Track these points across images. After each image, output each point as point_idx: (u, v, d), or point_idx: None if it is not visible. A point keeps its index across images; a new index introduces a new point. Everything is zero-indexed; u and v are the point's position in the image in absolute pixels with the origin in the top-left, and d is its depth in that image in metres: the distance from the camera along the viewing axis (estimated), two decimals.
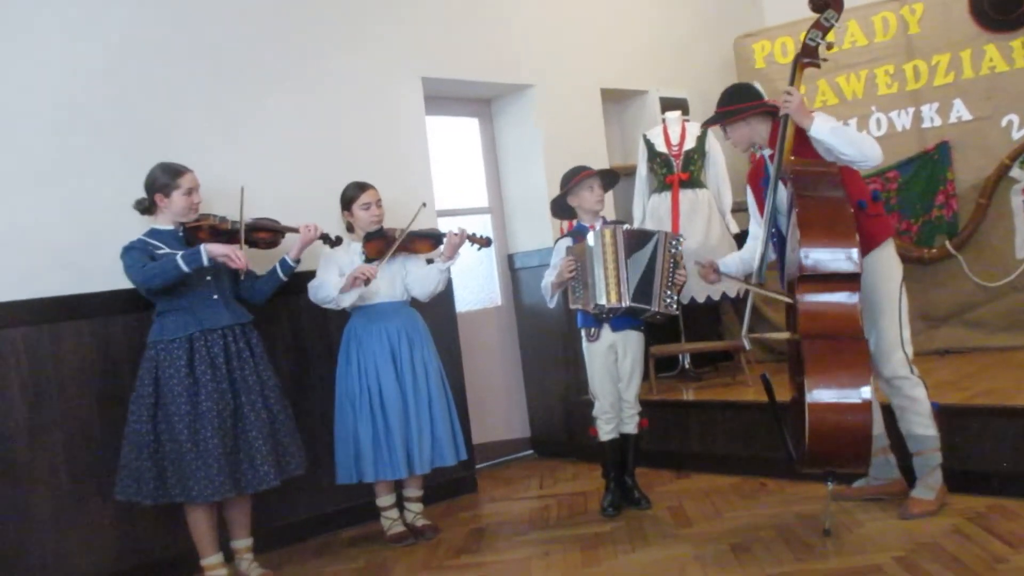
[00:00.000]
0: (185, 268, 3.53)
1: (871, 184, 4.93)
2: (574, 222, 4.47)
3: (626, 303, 4.02)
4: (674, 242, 4.12)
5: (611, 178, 4.40)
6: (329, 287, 4.04)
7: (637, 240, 4.11)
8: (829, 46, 3.72)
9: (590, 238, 4.11)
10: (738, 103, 3.82)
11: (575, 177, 4.27)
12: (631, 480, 4.31)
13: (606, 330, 4.21)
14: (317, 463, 4.23)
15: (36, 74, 3.83)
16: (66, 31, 3.93)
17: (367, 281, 4.02)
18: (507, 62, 5.57)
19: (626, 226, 4.25)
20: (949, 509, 3.62)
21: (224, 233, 3.79)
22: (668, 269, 4.06)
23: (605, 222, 4.28)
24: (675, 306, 4.09)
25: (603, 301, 4.03)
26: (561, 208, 4.40)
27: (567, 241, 4.29)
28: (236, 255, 3.60)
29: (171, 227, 3.74)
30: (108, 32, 4.03)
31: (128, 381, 3.81)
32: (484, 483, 5.16)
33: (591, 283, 4.06)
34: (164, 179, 3.70)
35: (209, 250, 3.57)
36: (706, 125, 4.63)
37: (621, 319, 4.17)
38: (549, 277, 4.24)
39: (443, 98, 5.56)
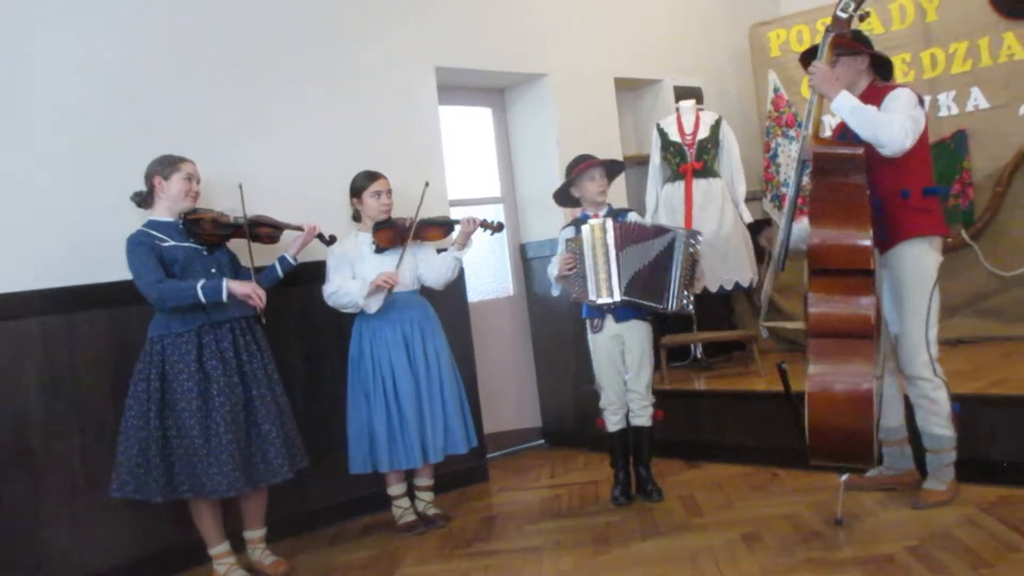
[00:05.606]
0: (203, 300, 3.51)
1: None
2: (579, 211, 4.46)
3: (617, 297, 4.02)
4: (693, 240, 4.06)
5: (615, 168, 4.37)
6: (353, 294, 4.05)
7: (636, 234, 4.07)
8: (861, 17, 3.56)
9: (584, 231, 4.09)
10: (863, 44, 3.69)
11: (577, 167, 4.24)
12: (645, 472, 4.29)
13: (609, 321, 4.19)
14: (329, 452, 4.25)
15: (52, 68, 3.85)
16: (84, 26, 3.94)
17: (391, 289, 4.03)
18: (521, 51, 5.55)
19: (634, 219, 4.23)
20: (962, 499, 3.61)
21: (227, 227, 3.77)
22: (687, 267, 4.02)
23: (610, 210, 4.26)
24: (691, 306, 4.05)
25: (594, 297, 4.04)
26: (565, 197, 4.38)
27: (569, 231, 4.24)
28: (257, 295, 3.58)
29: (171, 219, 3.69)
30: (124, 27, 4.05)
31: None
32: (495, 472, 5.17)
33: (586, 277, 4.06)
34: (164, 163, 3.68)
35: (231, 287, 3.55)
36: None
37: (625, 310, 4.14)
38: (553, 266, 4.24)
39: (457, 88, 5.56)
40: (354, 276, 4.14)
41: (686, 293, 4.01)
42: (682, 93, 6.14)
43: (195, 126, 4.17)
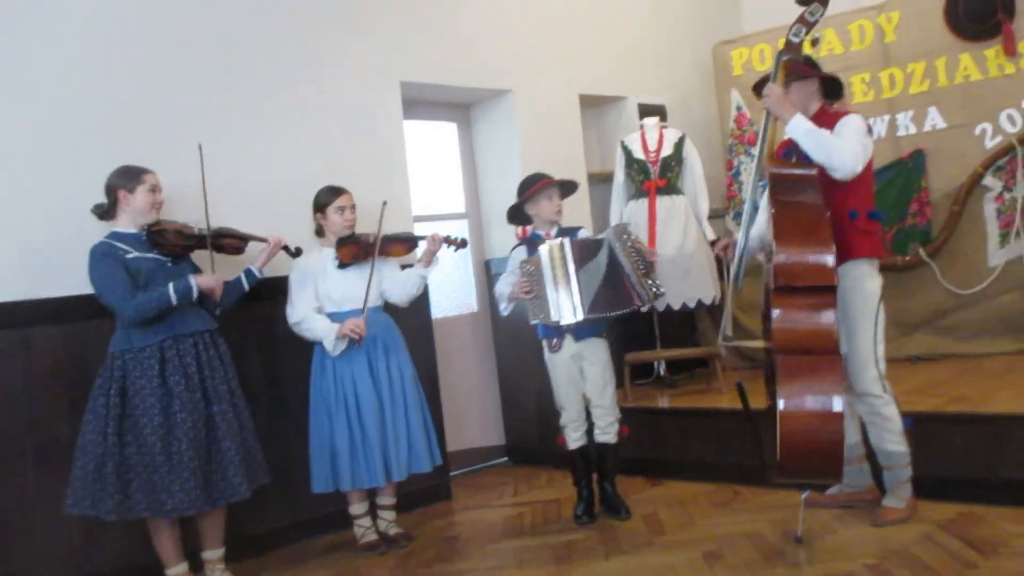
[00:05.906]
0: (175, 302, 3.51)
1: None
2: (528, 228, 4.45)
3: (580, 316, 3.98)
4: (625, 235, 4.04)
5: (570, 188, 4.37)
6: (319, 334, 4.03)
7: (588, 250, 4.06)
8: (814, 42, 3.67)
9: (543, 252, 4.07)
10: (812, 67, 3.78)
11: (534, 185, 4.24)
12: (611, 488, 4.28)
13: (568, 340, 4.19)
14: (291, 469, 4.20)
15: (18, 75, 3.80)
16: (55, 34, 3.91)
17: (359, 339, 4.01)
18: (486, 67, 5.56)
19: (580, 235, 4.23)
20: (920, 516, 3.64)
21: (191, 238, 3.74)
22: (635, 261, 3.99)
23: (560, 230, 4.26)
24: (661, 289, 4.03)
25: (557, 318, 4.01)
26: (517, 215, 4.38)
27: (522, 251, 4.25)
28: (219, 286, 3.66)
29: (133, 230, 3.66)
30: (93, 36, 4.01)
31: None
32: (458, 491, 5.14)
33: (547, 299, 4.03)
34: (128, 176, 3.64)
35: (200, 282, 3.59)
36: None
37: (584, 328, 4.12)
38: (504, 285, 4.22)
39: (422, 102, 5.55)
40: (317, 292, 4.11)
41: (649, 282, 3.98)
42: (646, 111, 6.18)
43: (158, 139, 4.12)
